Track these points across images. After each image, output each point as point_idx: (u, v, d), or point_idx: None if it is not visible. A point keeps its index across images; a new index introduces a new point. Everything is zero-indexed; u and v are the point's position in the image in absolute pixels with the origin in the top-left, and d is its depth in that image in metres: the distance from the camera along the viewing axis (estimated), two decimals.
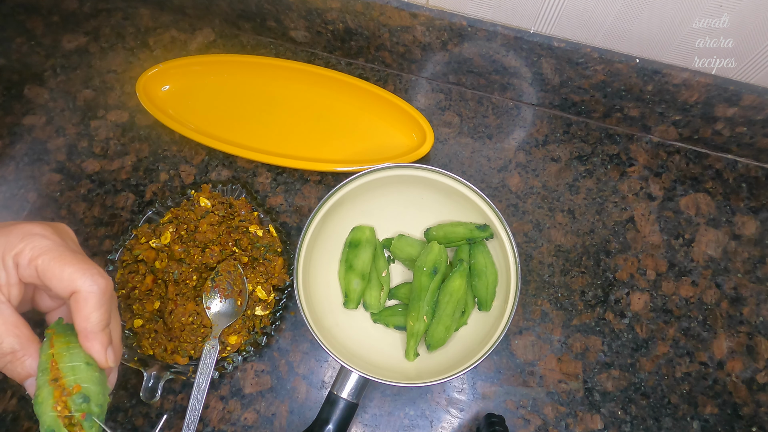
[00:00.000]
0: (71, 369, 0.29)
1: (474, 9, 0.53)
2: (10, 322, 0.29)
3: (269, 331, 0.50)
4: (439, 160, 0.60)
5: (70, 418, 0.28)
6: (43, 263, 0.29)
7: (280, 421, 0.50)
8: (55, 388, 0.29)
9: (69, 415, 0.28)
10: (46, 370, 0.29)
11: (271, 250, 0.53)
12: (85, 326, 0.30)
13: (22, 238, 0.30)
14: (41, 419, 0.28)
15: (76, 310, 0.30)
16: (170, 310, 0.50)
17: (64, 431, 0.28)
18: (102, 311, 0.30)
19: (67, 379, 0.29)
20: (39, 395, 0.29)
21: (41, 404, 0.28)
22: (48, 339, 0.30)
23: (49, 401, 0.28)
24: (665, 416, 0.50)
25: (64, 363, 0.29)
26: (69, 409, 0.29)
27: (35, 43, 0.67)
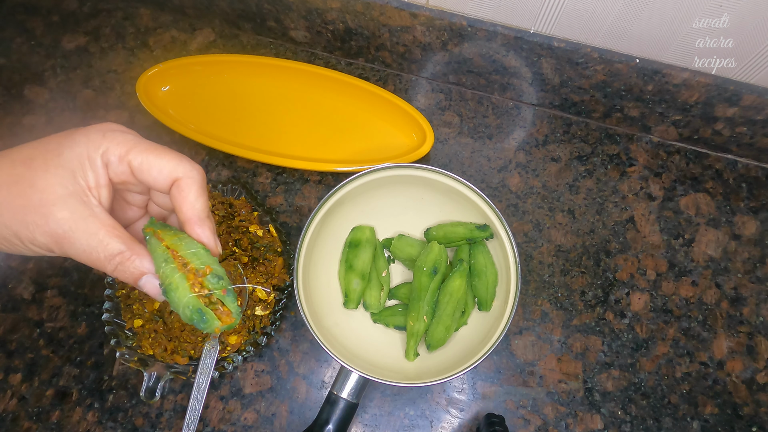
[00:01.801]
0: (193, 255, 0.29)
1: (474, 9, 0.53)
2: (108, 224, 0.28)
3: (269, 331, 0.50)
4: (439, 160, 0.60)
5: (209, 297, 0.29)
6: (137, 157, 0.28)
7: (280, 421, 0.50)
8: (186, 273, 0.28)
9: (208, 294, 0.29)
10: (169, 259, 0.28)
11: (271, 250, 0.53)
12: (193, 213, 0.29)
13: (104, 135, 0.28)
14: (181, 303, 0.28)
15: (182, 199, 0.29)
16: (170, 310, 0.50)
17: (208, 310, 0.28)
18: (205, 197, 0.30)
19: (194, 264, 0.29)
20: (171, 283, 0.28)
21: (177, 290, 0.28)
22: (152, 235, 0.30)
23: (185, 285, 0.28)
24: (665, 416, 0.50)
25: (184, 251, 0.29)
26: (207, 288, 0.28)
27: (35, 43, 0.67)
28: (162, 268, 0.28)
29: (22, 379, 0.51)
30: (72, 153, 0.28)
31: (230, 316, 0.29)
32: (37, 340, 0.53)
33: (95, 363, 0.52)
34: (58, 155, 0.28)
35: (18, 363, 0.52)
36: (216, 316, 0.29)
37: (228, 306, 0.29)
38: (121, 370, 0.52)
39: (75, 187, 0.27)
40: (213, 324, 0.29)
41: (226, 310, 0.29)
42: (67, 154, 0.27)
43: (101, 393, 0.51)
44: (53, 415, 0.50)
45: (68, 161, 0.27)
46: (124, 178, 0.29)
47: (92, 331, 0.53)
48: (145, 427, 0.50)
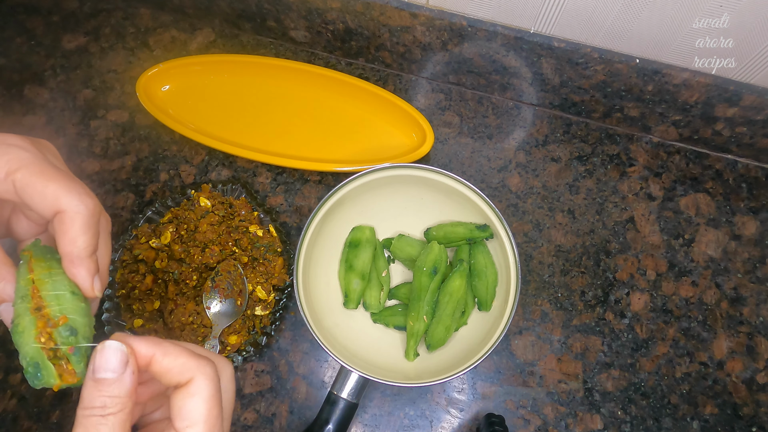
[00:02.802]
0: (55, 298, 0.26)
1: (474, 9, 0.53)
2: None
3: (269, 331, 0.50)
4: (439, 160, 0.60)
5: (55, 351, 0.26)
6: (22, 178, 0.25)
7: (280, 421, 0.50)
8: (38, 318, 0.25)
9: (54, 348, 0.26)
10: (27, 297, 0.26)
11: (271, 250, 0.53)
12: (71, 251, 0.26)
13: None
14: (22, 350, 0.25)
15: (61, 232, 0.26)
16: (170, 310, 0.50)
17: (48, 365, 0.25)
18: (90, 234, 0.26)
19: (51, 309, 0.26)
20: (19, 324, 0.25)
21: (21, 333, 0.25)
22: (25, 262, 0.27)
23: (31, 331, 0.25)
24: (665, 416, 0.50)
25: (47, 291, 0.26)
26: (55, 341, 0.26)
27: (35, 43, 0.67)
28: (17, 305, 0.26)
29: (22, 378, 0.51)
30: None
31: (74, 376, 0.26)
32: None
33: None
34: None
35: (18, 363, 0.52)
36: (57, 372, 0.26)
37: (73, 365, 0.26)
38: None
39: None
40: (49, 381, 0.26)
41: (71, 369, 0.26)
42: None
43: None
44: (53, 415, 0.50)
45: None
46: (8, 197, 0.26)
47: None
48: None
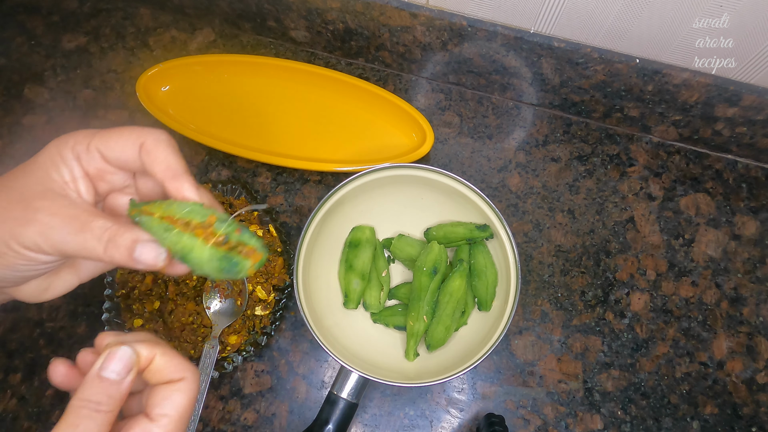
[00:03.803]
0: (190, 212, 0.27)
1: (474, 9, 0.53)
2: (90, 209, 0.28)
3: (269, 331, 0.50)
4: (439, 160, 0.60)
5: (227, 243, 0.27)
6: (100, 140, 0.28)
7: (280, 421, 0.50)
8: (193, 232, 0.27)
9: (225, 241, 0.27)
10: (169, 228, 0.27)
11: (271, 250, 0.53)
12: (166, 169, 0.28)
13: (69, 135, 0.29)
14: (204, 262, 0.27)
15: (152, 159, 0.28)
16: (170, 310, 0.50)
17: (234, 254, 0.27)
18: (178, 155, 0.29)
19: (196, 219, 0.27)
20: (183, 248, 0.27)
21: (192, 250, 0.27)
22: (140, 214, 0.28)
23: (199, 243, 0.27)
24: (665, 416, 0.50)
25: (179, 215, 0.27)
26: (221, 234, 0.27)
27: (35, 43, 0.67)
28: (167, 239, 0.27)
29: (22, 379, 0.51)
30: (44, 155, 0.28)
31: (256, 252, 0.28)
32: (37, 339, 0.53)
33: None
34: (32, 162, 0.29)
35: (18, 363, 0.52)
36: (243, 257, 0.27)
37: (250, 244, 0.27)
38: None
39: (51, 183, 0.28)
40: (245, 265, 0.27)
41: (250, 249, 0.27)
42: (40, 158, 0.28)
43: None
44: (53, 415, 0.50)
45: (42, 163, 0.28)
46: (98, 166, 0.29)
47: (92, 331, 0.53)
48: None
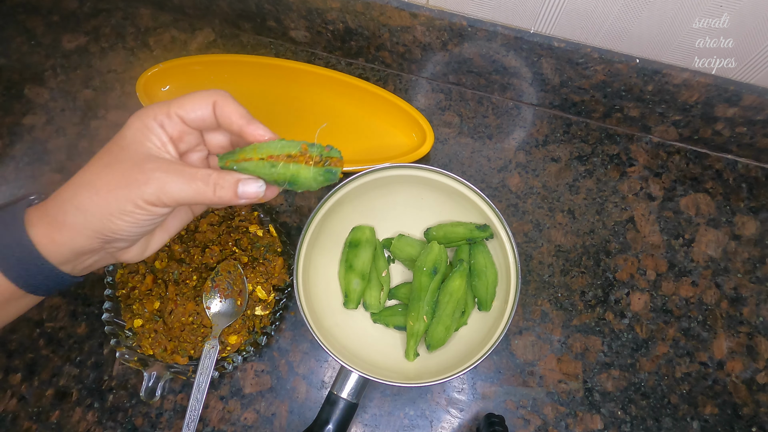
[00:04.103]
0: (284, 146, 0.33)
1: (474, 9, 0.53)
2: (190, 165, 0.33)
3: (269, 331, 0.50)
4: (439, 160, 0.60)
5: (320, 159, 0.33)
6: (177, 105, 0.33)
7: (280, 421, 0.50)
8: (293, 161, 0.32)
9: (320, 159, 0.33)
10: (274, 163, 0.33)
11: (271, 250, 0.53)
12: (242, 117, 0.33)
13: (146, 108, 0.33)
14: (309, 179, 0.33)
15: (227, 112, 0.33)
16: (170, 310, 0.50)
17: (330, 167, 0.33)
18: (242, 106, 0.34)
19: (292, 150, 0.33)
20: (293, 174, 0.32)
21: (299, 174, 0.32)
22: (235, 162, 0.33)
23: (303, 167, 0.32)
24: (665, 416, 0.50)
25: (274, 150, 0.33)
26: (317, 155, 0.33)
27: (35, 43, 0.67)
28: (275, 172, 0.33)
29: (22, 379, 0.51)
30: (130, 130, 0.32)
31: (340, 160, 0.34)
32: (37, 339, 0.53)
33: (95, 363, 0.52)
34: (122, 137, 0.32)
35: (18, 363, 0.52)
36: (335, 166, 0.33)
37: (334, 156, 0.34)
38: (121, 370, 0.52)
39: (149, 150, 0.32)
40: (338, 171, 0.34)
41: (336, 159, 0.33)
42: (128, 132, 0.32)
43: (101, 393, 0.51)
44: (53, 415, 0.50)
45: (132, 136, 0.32)
46: (179, 129, 0.33)
47: (92, 331, 0.53)
48: (145, 427, 0.50)
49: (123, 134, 0.33)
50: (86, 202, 0.31)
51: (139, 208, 0.31)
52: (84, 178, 0.32)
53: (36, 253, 0.31)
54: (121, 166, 0.32)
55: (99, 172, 0.32)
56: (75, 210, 0.31)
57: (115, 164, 0.32)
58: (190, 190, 0.32)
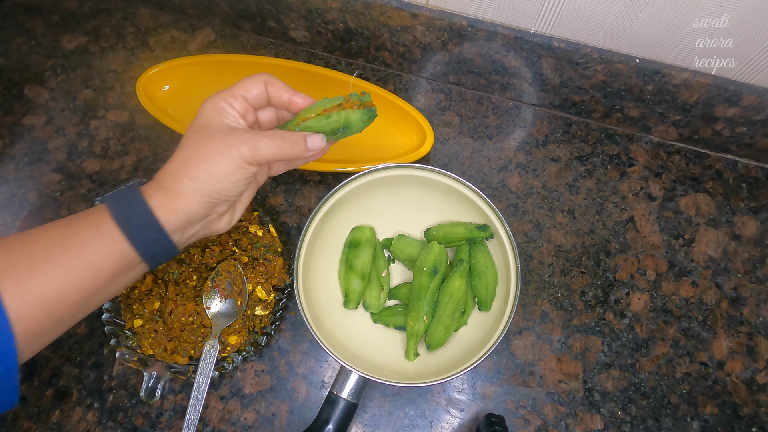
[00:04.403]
0: (334, 100, 0.41)
1: (474, 9, 0.53)
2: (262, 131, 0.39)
3: (269, 331, 0.50)
4: (439, 160, 0.60)
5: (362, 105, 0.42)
6: (239, 87, 0.39)
7: (280, 421, 0.50)
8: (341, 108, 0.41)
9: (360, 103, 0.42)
10: (329, 115, 0.41)
11: (271, 250, 0.53)
12: (287, 92, 0.40)
13: (214, 95, 0.39)
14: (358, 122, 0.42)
15: (276, 87, 0.40)
16: (170, 310, 0.50)
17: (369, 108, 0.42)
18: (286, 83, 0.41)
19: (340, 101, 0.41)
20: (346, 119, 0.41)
21: (350, 118, 0.41)
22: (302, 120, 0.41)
23: (350, 112, 0.41)
24: (665, 416, 0.50)
25: (330, 105, 0.41)
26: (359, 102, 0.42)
27: (35, 43, 0.67)
28: (332, 121, 0.41)
29: (22, 379, 0.51)
30: (207, 113, 0.38)
31: (371, 102, 0.43)
32: None
33: (95, 363, 0.52)
34: (201, 119, 0.38)
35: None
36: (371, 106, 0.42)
37: (369, 100, 0.42)
38: (121, 370, 0.52)
39: (228, 124, 0.38)
40: (375, 109, 0.43)
41: (369, 102, 0.42)
42: (206, 115, 0.38)
43: (101, 393, 0.51)
44: (53, 415, 0.50)
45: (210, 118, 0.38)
46: (244, 106, 0.39)
47: (92, 331, 0.53)
48: (145, 427, 0.50)
49: (201, 117, 0.38)
50: (196, 171, 0.36)
51: (239, 168, 0.36)
52: (186, 153, 0.36)
53: (156, 222, 0.35)
54: (215, 138, 0.37)
55: (198, 146, 0.36)
56: (188, 179, 0.35)
57: (209, 137, 0.37)
58: (275, 147, 0.38)
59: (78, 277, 0.33)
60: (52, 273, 0.32)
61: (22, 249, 0.32)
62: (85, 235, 0.33)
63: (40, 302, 0.31)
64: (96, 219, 0.34)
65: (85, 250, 0.33)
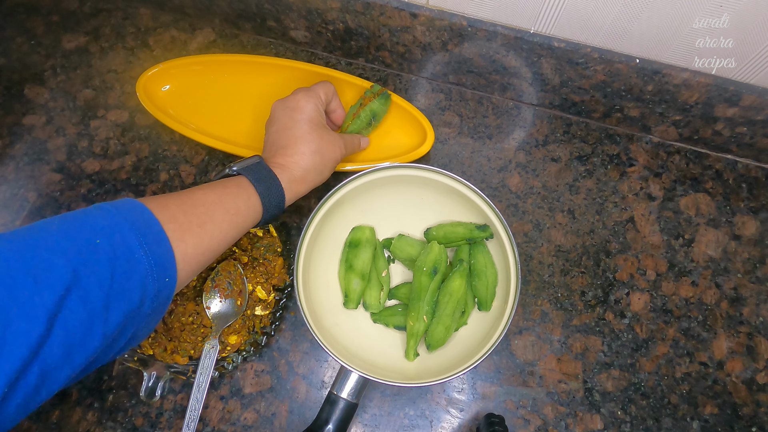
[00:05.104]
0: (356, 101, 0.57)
1: (474, 9, 0.53)
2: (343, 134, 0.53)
3: (269, 331, 0.50)
4: (439, 160, 0.60)
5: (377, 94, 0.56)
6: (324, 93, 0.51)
7: (280, 421, 0.50)
8: (363, 105, 0.56)
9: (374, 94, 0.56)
10: (358, 114, 0.55)
11: (271, 250, 0.53)
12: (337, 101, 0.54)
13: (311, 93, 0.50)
14: (383, 109, 0.57)
15: (336, 97, 0.53)
16: (170, 310, 0.50)
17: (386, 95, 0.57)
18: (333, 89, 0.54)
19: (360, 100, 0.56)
20: (371, 112, 0.56)
21: (374, 108, 0.56)
22: (343, 128, 0.56)
23: (370, 105, 0.56)
24: (665, 416, 0.50)
25: (354, 109, 0.56)
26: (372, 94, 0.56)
27: (35, 43, 0.67)
28: (363, 116, 0.56)
29: None
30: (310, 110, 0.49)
31: (383, 87, 0.58)
32: None
33: None
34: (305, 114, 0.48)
35: None
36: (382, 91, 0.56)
37: (378, 87, 0.57)
38: (121, 370, 0.52)
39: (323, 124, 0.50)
40: (387, 92, 0.57)
41: (381, 89, 0.57)
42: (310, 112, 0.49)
43: (101, 393, 0.51)
44: (53, 415, 0.50)
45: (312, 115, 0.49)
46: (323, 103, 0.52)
47: None
48: (145, 427, 0.50)
49: (310, 116, 0.48)
50: (321, 165, 0.47)
51: (338, 162, 0.50)
52: (311, 148, 0.47)
53: (283, 198, 0.45)
54: (328, 138, 0.48)
55: (319, 144, 0.47)
56: (314, 171, 0.47)
57: (324, 136, 0.48)
58: (350, 147, 0.52)
59: (228, 234, 0.41)
60: (213, 230, 0.40)
61: (194, 209, 0.39)
62: (238, 203, 0.42)
63: (203, 251, 0.39)
64: (245, 192, 0.43)
65: (237, 216, 0.42)
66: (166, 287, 0.35)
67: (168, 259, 0.35)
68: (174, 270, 0.36)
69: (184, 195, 0.40)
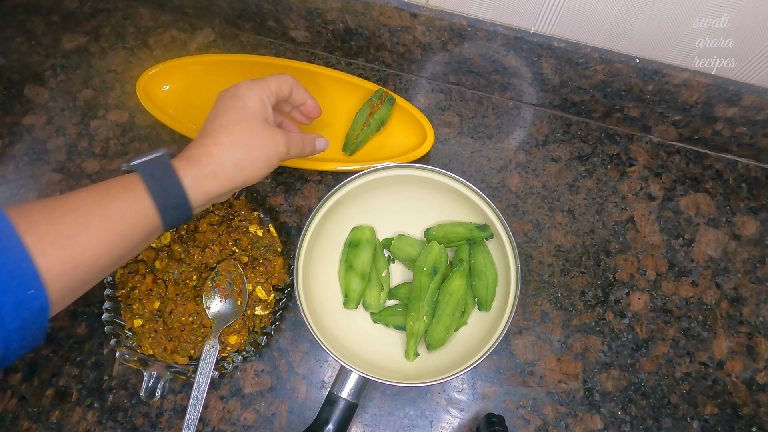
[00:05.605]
0: (364, 111, 0.58)
1: (474, 9, 0.53)
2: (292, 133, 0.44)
3: (269, 331, 0.50)
4: (439, 160, 0.60)
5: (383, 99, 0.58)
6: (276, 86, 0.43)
7: (280, 421, 0.50)
8: (373, 113, 0.57)
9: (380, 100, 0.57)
10: (368, 124, 0.57)
11: (271, 250, 0.53)
12: (307, 96, 0.47)
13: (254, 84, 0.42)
14: (386, 112, 0.58)
15: (300, 91, 0.46)
16: (170, 310, 0.50)
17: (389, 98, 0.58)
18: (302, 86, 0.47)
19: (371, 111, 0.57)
20: (378, 121, 0.57)
21: (379, 114, 0.57)
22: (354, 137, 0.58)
23: (378, 111, 0.57)
24: (665, 416, 0.50)
25: (363, 116, 0.58)
26: (378, 100, 0.57)
27: (35, 43, 0.67)
28: (373, 122, 0.57)
29: (22, 378, 0.51)
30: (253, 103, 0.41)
31: (388, 92, 0.58)
32: None
33: (95, 363, 0.52)
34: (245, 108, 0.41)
35: (18, 363, 0.52)
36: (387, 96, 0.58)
37: (382, 92, 0.58)
38: (121, 370, 0.52)
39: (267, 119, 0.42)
40: (391, 96, 0.58)
41: (386, 93, 0.58)
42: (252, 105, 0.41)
43: (101, 393, 0.51)
44: (53, 415, 0.50)
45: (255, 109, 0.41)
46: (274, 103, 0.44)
47: (92, 331, 0.53)
48: (145, 427, 0.50)
49: (245, 105, 0.41)
50: (243, 161, 0.39)
51: (273, 165, 0.41)
52: (233, 139, 0.39)
53: (188, 203, 0.38)
54: (262, 132, 0.40)
55: (246, 136, 0.40)
56: (233, 167, 0.39)
57: (257, 129, 0.40)
58: (299, 148, 0.44)
59: (112, 245, 0.35)
60: (90, 241, 0.34)
61: (63, 217, 0.34)
62: (123, 208, 0.36)
63: (76, 265, 0.34)
64: (132, 194, 0.36)
65: (122, 223, 0.36)
66: (30, 300, 0.31)
67: (25, 270, 0.31)
68: (38, 282, 0.32)
69: (56, 200, 0.35)
